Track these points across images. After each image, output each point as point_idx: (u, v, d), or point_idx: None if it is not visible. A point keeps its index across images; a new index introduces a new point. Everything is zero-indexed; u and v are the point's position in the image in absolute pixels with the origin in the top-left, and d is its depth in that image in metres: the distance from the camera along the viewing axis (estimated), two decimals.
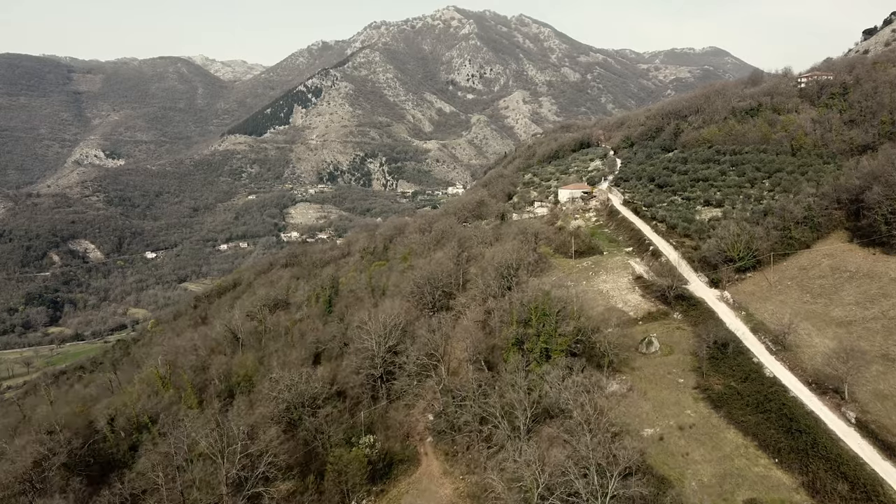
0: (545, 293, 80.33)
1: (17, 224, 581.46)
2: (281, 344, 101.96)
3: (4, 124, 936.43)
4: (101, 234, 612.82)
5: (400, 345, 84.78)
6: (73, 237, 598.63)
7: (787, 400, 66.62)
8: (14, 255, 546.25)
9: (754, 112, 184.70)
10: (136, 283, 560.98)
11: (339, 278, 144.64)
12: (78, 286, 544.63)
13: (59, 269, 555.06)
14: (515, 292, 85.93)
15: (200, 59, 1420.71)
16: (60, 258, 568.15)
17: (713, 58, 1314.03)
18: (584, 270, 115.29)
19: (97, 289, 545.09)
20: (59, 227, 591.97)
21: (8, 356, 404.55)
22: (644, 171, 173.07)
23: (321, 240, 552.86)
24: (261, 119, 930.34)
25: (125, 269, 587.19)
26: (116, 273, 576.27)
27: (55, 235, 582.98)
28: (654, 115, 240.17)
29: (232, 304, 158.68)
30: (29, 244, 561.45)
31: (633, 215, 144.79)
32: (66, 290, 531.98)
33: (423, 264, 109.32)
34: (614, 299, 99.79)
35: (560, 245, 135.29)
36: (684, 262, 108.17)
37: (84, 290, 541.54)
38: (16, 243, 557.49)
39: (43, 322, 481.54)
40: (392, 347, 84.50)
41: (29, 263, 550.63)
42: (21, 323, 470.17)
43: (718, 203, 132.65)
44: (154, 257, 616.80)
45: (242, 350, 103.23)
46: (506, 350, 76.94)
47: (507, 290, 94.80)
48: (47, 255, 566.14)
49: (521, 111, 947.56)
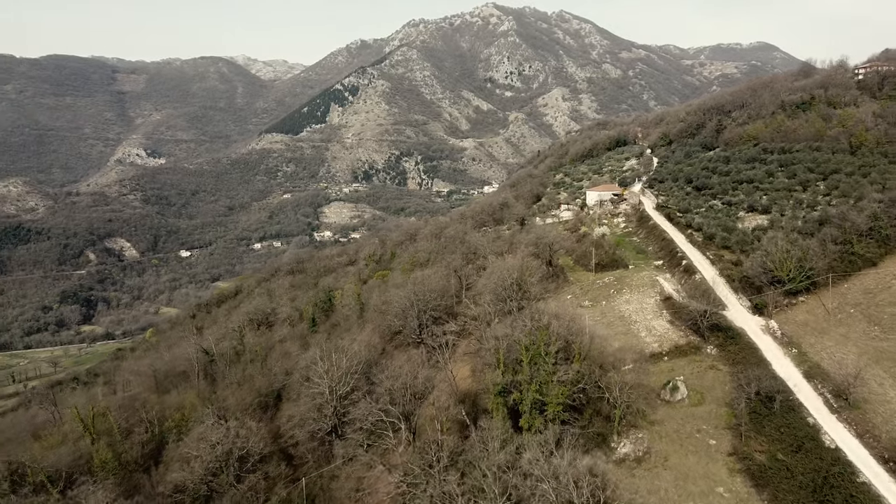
0: (543, 327, 64.70)
1: (55, 222, 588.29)
2: (240, 375, 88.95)
3: (51, 124, 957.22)
4: (136, 233, 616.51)
5: (355, 392, 69.13)
6: (110, 235, 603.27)
7: (855, 487, 49.56)
8: (51, 253, 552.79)
9: (806, 106, 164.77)
10: (170, 281, 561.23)
11: (336, 290, 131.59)
12: (112, 284, 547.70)
13: (95, 268, 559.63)
14: (505, 324, 70.38)
15: (243, 59, 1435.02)
16: (96, 256, 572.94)
17: (761, 53, 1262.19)
18: (605, 288, 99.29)
19: (131, 287, 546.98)
20: (96, 226, 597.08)
21: (39, 355, 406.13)
22: (681, 172, 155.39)
23: (353, 240, 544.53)
24: (297, 118, 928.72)
25: (159, 267, 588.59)
26: (151, 272, 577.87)
27: (92, 234, 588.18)
28: (694, 111, 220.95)
29: (228, 315, 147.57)
30: (66, 242, 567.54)
31: (665, 222, 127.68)
32: (100, 288, 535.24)
33: (418, 279, 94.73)
34: (636, 325, 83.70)
35: (581, 256, 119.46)
36: (722, 280, 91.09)
37: (118, 288, 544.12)
38: (53, 241, 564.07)
39: (76, 320, 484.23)
40: (347, 395, 69.58)
41: (66, 261, 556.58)
42: (55, 321, 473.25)
43: (764, 209, 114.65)
44: (188, 256, 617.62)
45: (200, 378, 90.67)
46: (491, 405, 61.40)
47: (507, 314, 79.64)
48: (84, 254, 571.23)
49: (561, 108, 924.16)
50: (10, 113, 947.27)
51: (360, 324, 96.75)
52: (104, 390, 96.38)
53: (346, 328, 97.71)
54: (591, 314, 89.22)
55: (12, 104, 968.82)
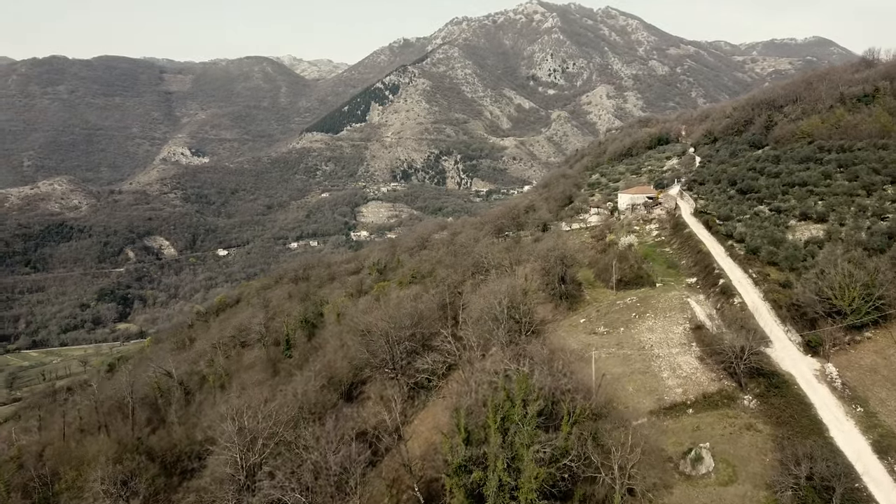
0: (522, 377, 49.36)
1: (97, 220, 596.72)
2: (181, 413, 76.46)
3: (100, 123, 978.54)
4: (175, 231, 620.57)
5: (265, 465, 51.99)
6: (149, 233, 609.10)
7: None
8: (92, 251, 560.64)
9: (869, 99, 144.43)
10: (206, 280, 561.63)
11: (329, 304, 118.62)
12: (150, 283, 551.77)
13: (133, 266, 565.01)
14: (477, 369, 55.30)
15: (289, 60, 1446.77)
16: (135, 254, 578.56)
17: (817, 48, 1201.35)
18: (626, 310, 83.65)
19: (168, 285, 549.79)
20: (136, 224, 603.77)
21: (73, 352, 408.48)
22: (724, 173, 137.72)
23: (389, 239, 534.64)
24: (338, 117, 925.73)
25: (196, 266, 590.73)
26: (187, 270, 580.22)
27: (132, 232, 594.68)
28: (742, 106, 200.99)
29: (222, 326, 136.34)
30: (107, 240, 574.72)
31: (703, 230, 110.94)
32: (137, 286, 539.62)
33: (394, 301, 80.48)
34: (658, 362, 68.14)
35: (603, 269, 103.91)
36: (767, 306, 74.69)
37: (155, 286, 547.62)
38: (94, 239, 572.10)
39: (112, 318, 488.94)
40: (257, 468, 52.30)
41: (105, 259, 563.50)
42: (91, 318, 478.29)
43: (820, 217, 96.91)
44: (225, 255, 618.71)
45: (133, 417, 78.43)
46: (448, 486, 45.76)
47: (504, 346, 65.05)
48: (123, 251, 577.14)
49: (605, 106, 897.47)
50: (61, 113, 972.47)
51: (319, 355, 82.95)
52: (29, 425, 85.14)
53: (324, 355, 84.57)
54: (605, 344, 74.16)
55: (64, 104, 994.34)
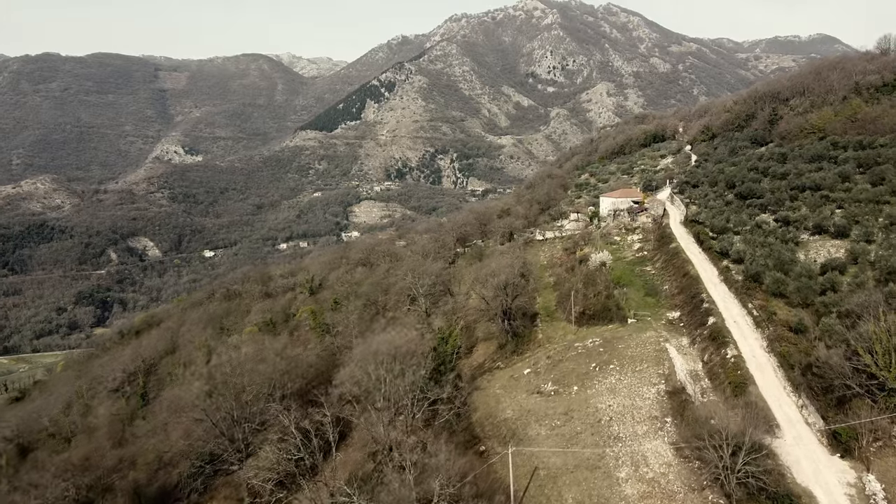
0: None
1: (79, 220, 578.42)
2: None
3: (93, 121, 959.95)
4: (160, 232, 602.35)
5: None
6: (134, 234, 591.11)
7: None
8: (73, 252, 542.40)
9: (890, 88, 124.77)
10: (190, 282, 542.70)
11: (232, 336, 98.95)
12: (132, 285, 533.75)
13: (115, 268, 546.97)
14: None
15: (287, 57, 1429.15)
16: (118, 256, 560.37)
17: (821, 45, 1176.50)
18: (585, 358, 63.60)
19: (150, 288, 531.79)
20: (119, 224, 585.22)
21: (44, 359, 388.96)
22: (721, 174, 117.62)
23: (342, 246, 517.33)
24: (333, 114, 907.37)
25: (181, 268, 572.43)
26: (172, 272, 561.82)
27: (115, 232, 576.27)
28: (743, 100, 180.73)
29: (135, 352, 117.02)
30: (88, 241, 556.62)
31: (693, 245, 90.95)
32: (118, 289, 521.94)
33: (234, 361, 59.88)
34: (616, 450, 48.01)
35: (567, 294, 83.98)
36: (774, 361, 54.80)
37: (137, 289, 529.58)
38: (76, 240, 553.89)
39: (90, 323, 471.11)
40: None
41: (87, 261, 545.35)
42: (67, 323, 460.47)
43: (839, 231, 76.23)
44: (212, 256, 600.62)
45: None
46: None
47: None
48: (105, 253, 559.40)
49: (605, 104, 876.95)
50: (53, 111, 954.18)
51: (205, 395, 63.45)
52: None
53: None
54: (549, 413, 54.46)
55: (56, 102, 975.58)
